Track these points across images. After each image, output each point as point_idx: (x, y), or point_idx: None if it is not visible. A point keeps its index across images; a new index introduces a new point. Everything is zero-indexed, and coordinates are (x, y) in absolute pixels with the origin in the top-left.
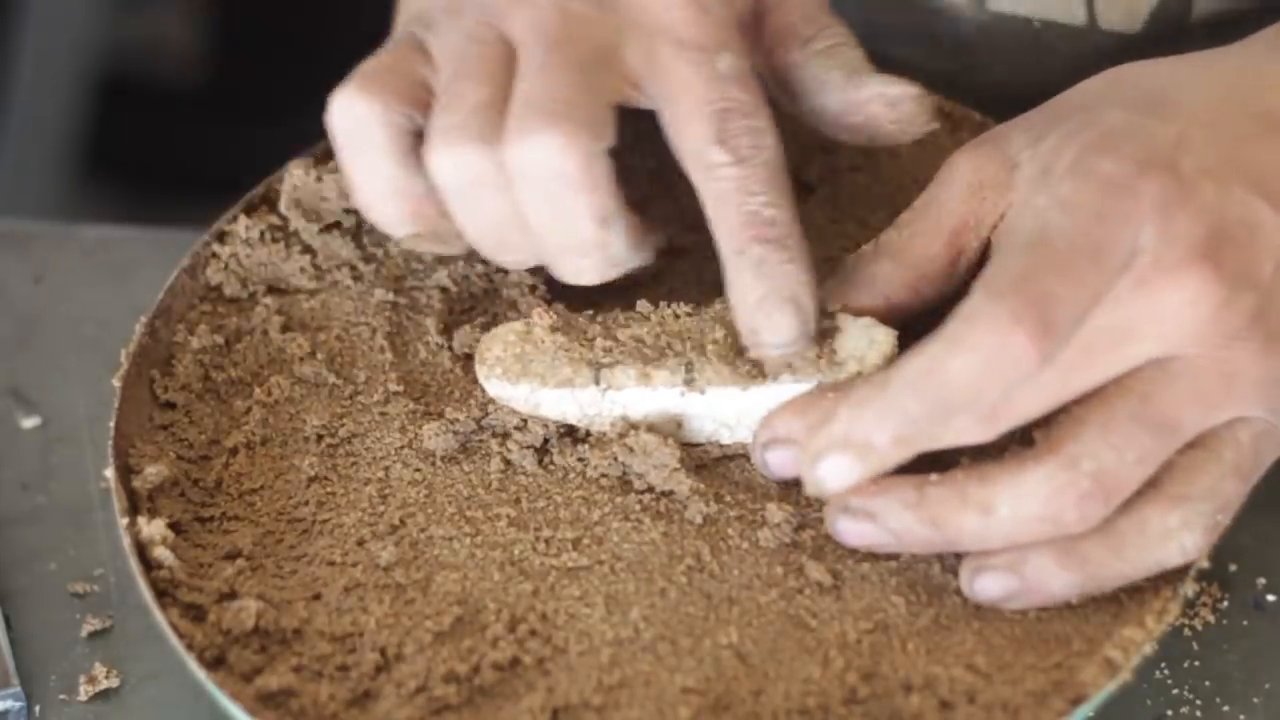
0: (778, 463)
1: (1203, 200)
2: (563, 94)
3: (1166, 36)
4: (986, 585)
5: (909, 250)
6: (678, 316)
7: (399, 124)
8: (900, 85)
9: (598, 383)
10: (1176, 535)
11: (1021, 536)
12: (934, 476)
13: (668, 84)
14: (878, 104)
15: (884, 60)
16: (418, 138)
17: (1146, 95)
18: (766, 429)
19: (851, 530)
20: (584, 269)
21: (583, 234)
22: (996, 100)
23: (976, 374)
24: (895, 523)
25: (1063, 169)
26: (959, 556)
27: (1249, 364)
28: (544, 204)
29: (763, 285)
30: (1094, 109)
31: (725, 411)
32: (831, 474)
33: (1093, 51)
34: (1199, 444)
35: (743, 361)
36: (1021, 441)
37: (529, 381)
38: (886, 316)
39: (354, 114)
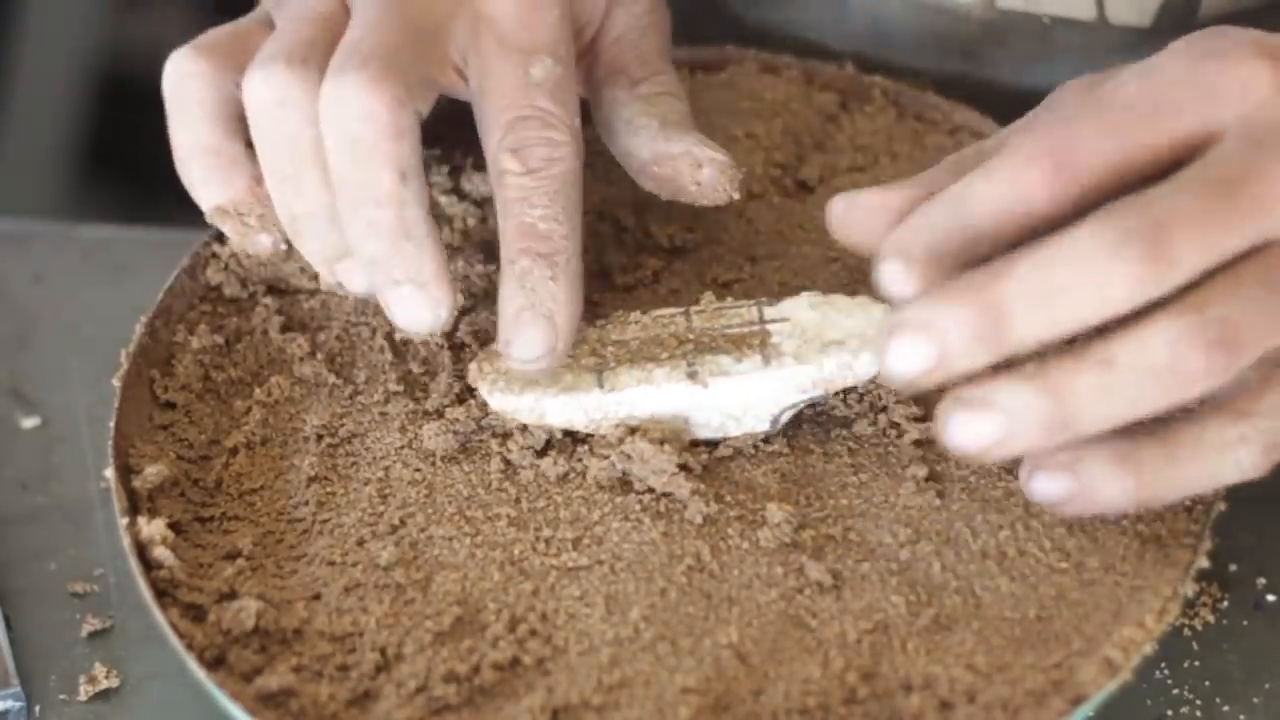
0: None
1: None
2: (387, 45)
3: (1176, 31)
4: (1044, 485)
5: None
6: (670, 318)
7: (224, 88)
8: (711, 150)
9: (601, 385)
10: (1233, 449)
11: (1145, 397)
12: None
13: (483, 80)
14: (684, 161)
15: (891, 63)
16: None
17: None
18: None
19: (966, 428)
20: (378, 224)
21: (381, 184)
22: (1004, 100)
23: (994, 202)
24: (1012, 401)
25: (1168, 49)
26: (958, 555)
27: None
28: (347, 145)
29: (522, 298)
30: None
31: (731, 403)
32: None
33: (1102, 47)
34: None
35: (744, 351)
36: None
37: (533, 391)
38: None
39: (182, 73)
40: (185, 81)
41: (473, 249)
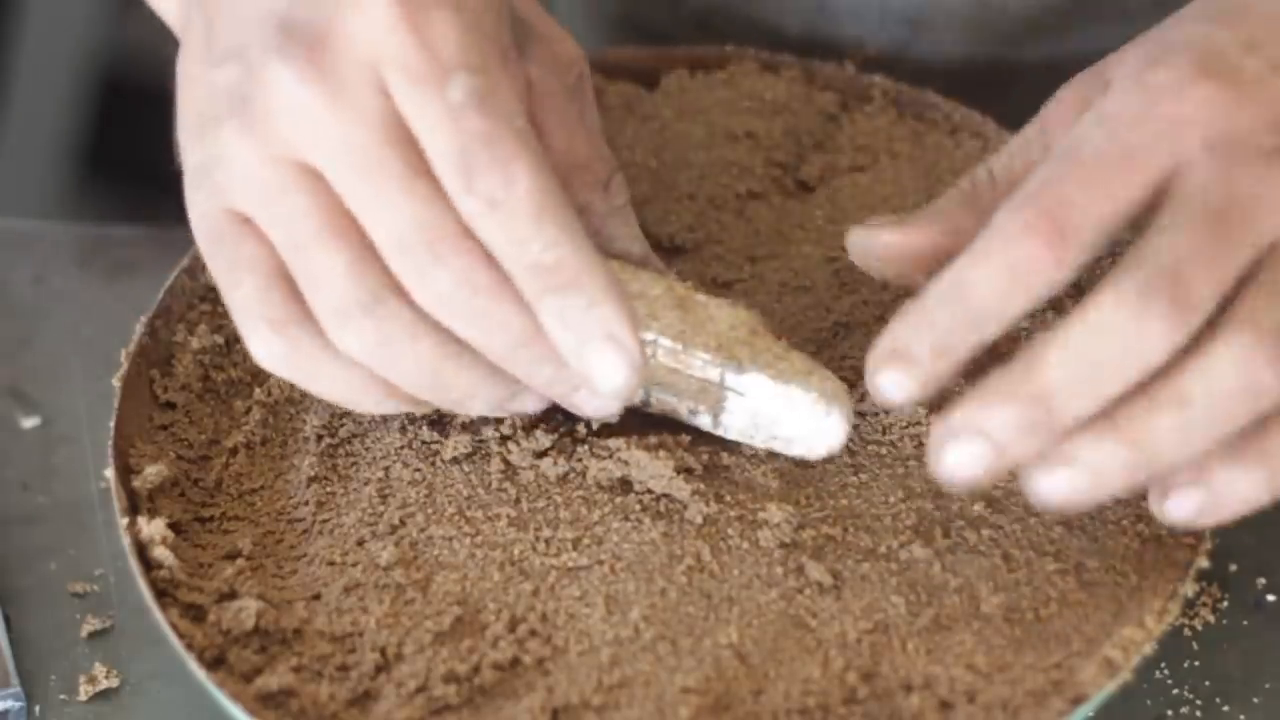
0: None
1: (1270, 95)
2: (411, 217)
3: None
4: (1180, 505)
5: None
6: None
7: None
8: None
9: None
10: None
11: (1223, 422)
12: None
13: (410, 124)
14: None
15: (837, 37)
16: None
17: (1224, 5)
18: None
19: (1054, 485)
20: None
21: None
22: (946, 72)
23: (997, 284)
24: (1094, 455)
25: (1117, 85)
26: (958, 555)
27: None
28: (470, 319)
29: (574, 336)
30: (1168, 25)
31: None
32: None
33: (1043, 9)
34: None
35: (698, 404)
36: None
37: None
38: None
39: (273, 352)
40: (286, 352)
41: None
